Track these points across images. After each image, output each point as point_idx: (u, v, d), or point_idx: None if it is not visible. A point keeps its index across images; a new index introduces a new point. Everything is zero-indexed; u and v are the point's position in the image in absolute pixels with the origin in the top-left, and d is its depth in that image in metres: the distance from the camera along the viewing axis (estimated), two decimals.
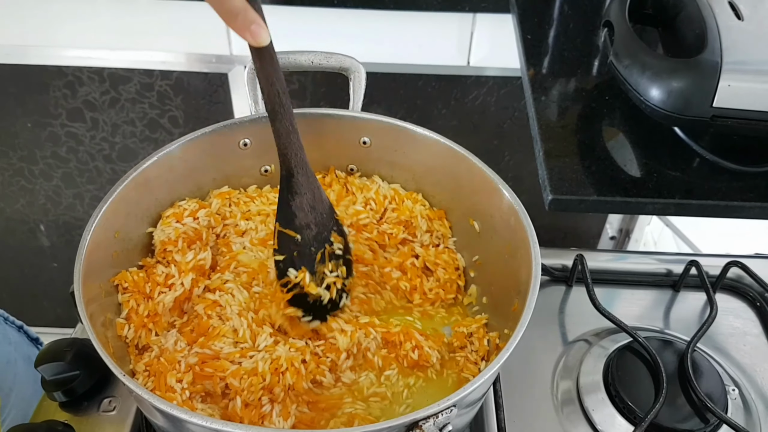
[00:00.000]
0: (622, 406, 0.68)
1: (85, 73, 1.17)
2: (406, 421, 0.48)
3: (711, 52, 0.78)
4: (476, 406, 0.62)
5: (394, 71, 1.19)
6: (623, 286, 0.83)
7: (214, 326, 0.63)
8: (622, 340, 0.74)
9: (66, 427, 0.64)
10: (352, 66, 0.71)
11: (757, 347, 0.77)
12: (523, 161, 1.32)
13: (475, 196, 0.69)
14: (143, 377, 0.61)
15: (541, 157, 0.85)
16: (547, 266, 0.83)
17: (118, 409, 0.67)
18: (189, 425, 0.49)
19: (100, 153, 1.30)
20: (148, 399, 0.48)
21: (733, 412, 0.69)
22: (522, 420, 0.69)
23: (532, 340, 0.76)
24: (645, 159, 0.84)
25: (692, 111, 0.78)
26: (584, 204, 0.80)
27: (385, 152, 0.73)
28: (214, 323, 0.63)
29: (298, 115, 0.70)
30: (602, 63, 1.00)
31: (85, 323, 0.52)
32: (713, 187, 0.80)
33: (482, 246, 0.71)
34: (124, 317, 0.63)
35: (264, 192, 0.73)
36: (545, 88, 0.95)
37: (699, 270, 0.79)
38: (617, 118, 0.91)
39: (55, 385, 0.66)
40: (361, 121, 0.71)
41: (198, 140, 0.66)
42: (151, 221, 0.67)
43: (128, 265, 0.64)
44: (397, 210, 0.72)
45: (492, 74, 1.20)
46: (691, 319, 0.80)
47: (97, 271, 0.59)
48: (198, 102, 1.21)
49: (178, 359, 0.60)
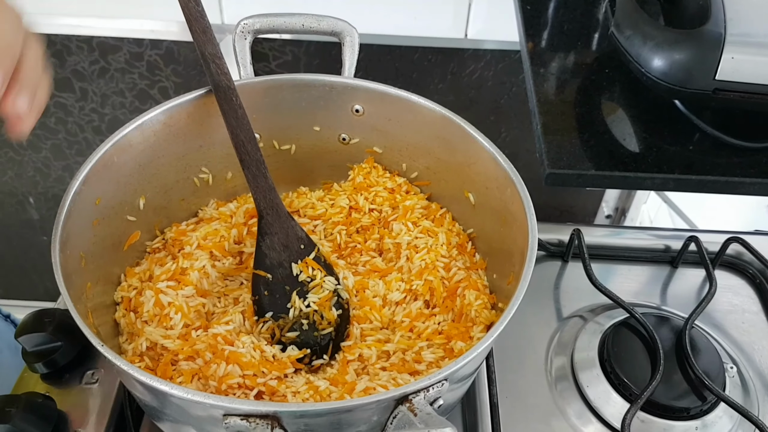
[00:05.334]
0: (618, 383, 0.66)
1: (73, 42, 1.15)
2: (396, 395, 0.47)
3: (714, 24, 0.76)
4: (468, 381, 0.60)
5: (389, 43, 1.16)
6: (620, 261, 0.82)
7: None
8: (618, 316, 0.72)
9: (46, 398, 0.62)
10: (345, 29, 0.68)
11: (755, 325, 0.76)
12: (520, 138, 1.30)
13: (471, 166, 0.67)
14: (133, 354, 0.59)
15: (539, 131, 0.83)
16: (543, 241, 0.81)
17: (100, 381, 0.66)
18: (170, 398, 0.47)
19: (90, 124, 1.28)
20: (128, 370, 0.46)
21: (730, 390, 0.67)
22: (515, 396, 0.68)
23: (526, 316, 0.74)
24: (645, 133, 0.82)
25: (694, 84, 0.77)
26: (582, 179, 0.78)
27: (379, 121, 0.70)
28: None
29: (288, 81, 0.69)
30: (603, 36, 0.98)
31: (63, 292, 0.50)
32: (713, 163, 0.78)
33: (477, 219, 0.69)
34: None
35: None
36: (544, 61, 0.93)
37: (698, 246, 0.78)
38: (617, 92, 0.89)
39: (36, 357, 0.65)
40: (353, 88, 0.68)
41: (183, 106, 0.64)
42: (133, 189, 0.64)
43: (108, 233, 0.62)
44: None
45: (490, 47, 1.17)
46: (689, 296, 0.78)
47: (77, 239, 0.56)
48: (189, 72, 1.18)
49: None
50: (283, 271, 0.64)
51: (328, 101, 0.70)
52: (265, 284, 0.63)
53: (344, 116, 0.71)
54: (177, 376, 0.57)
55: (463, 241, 0.70)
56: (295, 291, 0.64)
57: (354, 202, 0.72)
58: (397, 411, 0.48)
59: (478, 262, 0.68)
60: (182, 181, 0.69)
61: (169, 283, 0.62)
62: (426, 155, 0.71)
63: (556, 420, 0.67)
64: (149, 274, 0.64)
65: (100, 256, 0.60)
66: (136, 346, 0.59)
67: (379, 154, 0.73)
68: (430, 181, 0.73)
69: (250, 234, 0.67)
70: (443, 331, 0.63)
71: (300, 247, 0.65)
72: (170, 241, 0.67)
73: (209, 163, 0.70)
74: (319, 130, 0.72)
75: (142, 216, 0.66)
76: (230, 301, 0.65)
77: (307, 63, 1.18)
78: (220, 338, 0.59)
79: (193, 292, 0.62)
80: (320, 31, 0.69)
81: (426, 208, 0.72)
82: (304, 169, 0.75)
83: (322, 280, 0.64)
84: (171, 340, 0.58)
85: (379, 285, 0.66)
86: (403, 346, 0.62)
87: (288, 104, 0.69)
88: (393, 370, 0.60)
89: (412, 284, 0.65)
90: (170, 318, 0.59)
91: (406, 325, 0.63)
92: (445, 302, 0.65)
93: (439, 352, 0.61)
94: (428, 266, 0.66)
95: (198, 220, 0.71)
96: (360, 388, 0.57)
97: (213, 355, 0.57)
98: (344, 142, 0.73)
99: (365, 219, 0.71)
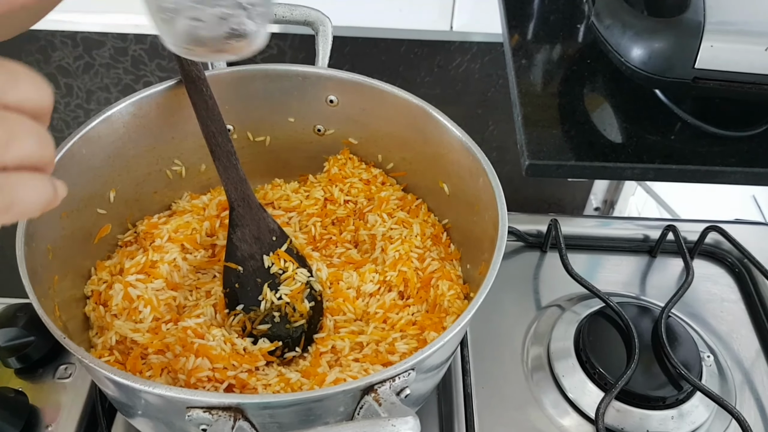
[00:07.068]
0: (593, 372, 0.66)
1: (57, 38, 1.14)
2: (361, 385, 0.46)
3: (694, 12, 0.76)
4: (441, 371, 0.60)
5: (375, 36, 1.16)
6: (600, 252, 0.81)
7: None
8: (595, 305, 0.72)
9: (18, 393, 0.62)
10: (318, 19, 0.68)
11: (734, 314, 0.76)
12: (508, 131, 1.29)
13: (445, 156, 0.66)
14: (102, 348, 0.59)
15: (520, 122, 0.82)
16: (521, 232, 0.81)
17: (74, 376, 0.65)
18: (133, 391, 0.47)
19: (75, 120, 1.27)
20: (88, 362, 0.46)
21: (707, 379, 0.67)
22: (490, 386, 0.67)
23: (503, 306, 0.74)
24: (625, 123, 0.82)
25: (674, 72, 0.76)
26: (562, 169, 0.78)
27: (353, 111, 0.70)
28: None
29: (260, 71, 0.68)
30: (587, 28, 0.97)
31: (27, 285, 0.50)
32: (694, 152, 0.78)
33: (452, 209, 0.69)
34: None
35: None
36: (527, 52, 0.93)
37: (676, 235, 0.77)
38: (598, 83, 0.89)
39: (8, 351, 0.64)
40: (326, 78, 0.68)
41: (152, 97, 0.63)
42: (103, 182, 0.64)
43: (78, 226, 0.62)
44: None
45: (476, 39, 1.17)
46: (667, 286, 0.78)
47: (44, 231, 0.56)
48: (173, 67, 1.17)
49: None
50: (254, 263, 0.63)
51: (301, 92, 0.69)
52: (236, 277, 0.63)
53: (319, 107, 0.70)
54: (146, 369, 0.57)
55: (438, 232, 0.69)
56: (266, 283, 0.63)
57: (329, 194, 0.71)
58: (363, 401, 0.47)
59: (453, 253, 0.68)
60: (154, 173, 0.68)
61: (139, 276, 0.61)
62: (401, 146, 0.71)
63: (532, 409, 0.66)
64: (120, 267, 0.63)
65: (69, 249, 0.60)
66: (105, 340, 0.59)
67: (354, 145, 0.73)
68: (406, 171, 0.72)
69: (223, 226, 0.67)
70: (417, 322, 0.62)
71: (272, 239, 0.64)
72: (142, 234, 0.66)
73: (182, 155, 0.70)
74: (294, 121, 0.72)
75: (113, 209, 0.65)
76: (202, 294, 0.64)
77: (293, 56, 1.18)
78: (190, 331, 0.58)
79: (164, 285, 0.61)
80: (293, 20, 0.68)
81: (402, 199, 0.71)
82: (280, 161, 0.74)
83: (294, 272, 0.64)
84: (140, 334, 0.58)
85: (353, 276, 0.65)
86: (377, 337, 0.61)
87: (261, 95, 0.69)
88: (366, 361, 0.60)
89: (386, 275, 0.65)
90: (139, 311, 0.59)
91: (379, 317, 0.63)
92: (419, 293, 0.64)
93: (413, 342, 0.61)
94: (402, 257, 0.65)
95: (171, 213, 0.70)
96: (330, 380, 0.56)
97: (183, 349, 0.57)
98: (319, 133, 0.73)
99: (340, 211, 0.71)
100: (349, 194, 0.71)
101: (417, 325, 0.62)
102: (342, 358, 0.60)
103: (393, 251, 0.66)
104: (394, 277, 0.65)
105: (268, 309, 0.62)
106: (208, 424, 0.45)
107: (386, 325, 0.63)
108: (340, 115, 0.71)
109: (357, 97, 0.69)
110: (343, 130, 0.72)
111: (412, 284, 0.64)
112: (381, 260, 0.67)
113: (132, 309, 0.59)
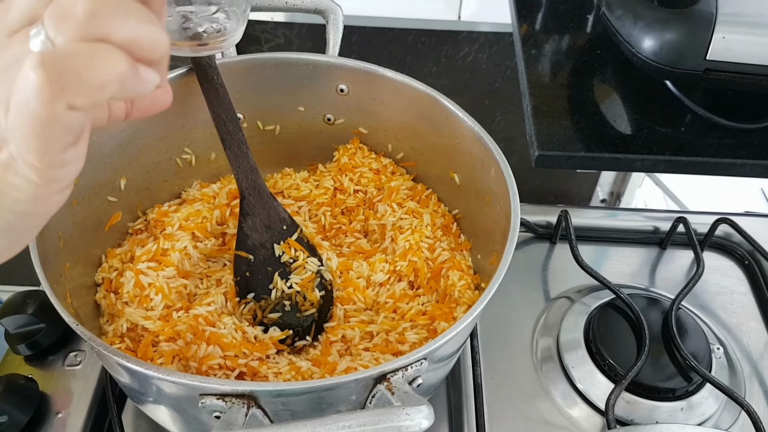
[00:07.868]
0: (603, 363, 0.66)
1: None
2: (374, 374, 0.46)
3: (706, 3, 0.75)
4: (451, 361, 0.60)
5: (382, 25, 1.15)
6: (609, 243, 0.81)
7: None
8: (605, 297, 0.72)
9: (28, 380, 0.62)
10: (329, 7, 0.68)
11: (744, 306, 0.76)
12: (515, 122, 1.28)
13: (455, 146, 0.66)
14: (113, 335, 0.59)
15: (530, 112, 0.82)
16: (531, 223, 0.81)
17: (84, 363, 0.65)
18: (146, 378, 0.47)
19: None
20: (102, 350, 0.46)
21: (717, 371, 0.67)
22: (500, 377, 0.67)
23: (513, 297, 0.74)
24: (636, 115, 0.81)
25: (685, 64, 0.76)
26: (572, 160, 0.77)
27: (363, 101, 0.70)
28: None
29: (271, 60, 0.68)
30: (597, 18, 0.97)
31: (39, 271, 0.50)
32: (704, 144, 0.77)
33: (462, 199, 0.69)
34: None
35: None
36: (537, 43, 0.92)
37: (686, 227, 0.77)
38: (608, 74, 0.88)
39: (18, 338, 0.65)
40: (337, 67, 0.68)
41: None
42: (114, 170, 0.64)
43: (89, 214, 0.61)
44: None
45: (484, 29, 1.16)
46: (677, 278, 0.78)
47: (55, 219, 0.55)
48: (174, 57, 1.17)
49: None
50: (265, 251, 0.63)
51: (312, 81, 0.69)
52: (247, 265, 0.63)
53: (329, 96, 0.70)
54: (158, 357, 0.57)
55: (448, 222, 0.69)
56: (277, 272, 0.63)
57: (339, 184, 0.71)
58: (375, 390, 0.47)
59: (463, 243, 0.68)
60: (164, 161, 0.68)
61: (150, 264, 0.61)
62: (411, 135, 0.70)
63: (541, 401, 0.66)
64: (130, 255, 0.63)
65: (79, 237, 0.60)
66: (116, 327, 0.59)
67: (364, 134, 0.73)
68: (416, 161, 0.72)
69: (233, 215, 0.67)
70: (427, 312, 0.62)
71: (282, 227, 0.64)
72: (152, 222, 0.66)
73: (192, 143, 0.69)
74: (304, 110, 0.71)
75: (124, 197, 0.65)
76: (213, 283, 0.64)
77: (300, 45, 1.17)
78: (202, 319, 0.58)
79: (174, 273, 0.61)
80: (303, 8, 0.68)
81: (411, 189, 0.71)
82: (289, 150, 0.74)
83: (304, 261, 0.64)
84: (151, 321, 0.58)
85: (363, 266, 0.65)
86: (387, 327, 0.61)
87: (271, 84, 0.69)
88: (376, 350, 0.60)
89: (396, 265, 0.65)
90: (151, 299, 0.59)
91: (389, 306, 0.63)
92: (429, 283, 0.64)
93: (423, 332, 0.61)
94: (412, 247, 0.65)
95: (181, 201, 0.70)
96: (341, 369, 0.56)
97: (194, 336, 0.57)
98: (329, 122, 0.72)
99: (350, 200, 0.70)
100: (359, 184, 0.71)
101: (427, 315, 0.62)
102: (352, 348, 0.60)
103: (403, 241, 0.65)
104: (405, 267, 0.64)
105: (278, 298, 0.62)
106: (222, 411, 0.45)
107: (396, 314, 0.63)
108: (351, 105, 0.71)
109: (367, 86, 0.69)
110: (353, 120, 0.72)
111: (422, 274, 0.64)
112: (391, 250, 0.66)
113: (143, 296, 0.59)
